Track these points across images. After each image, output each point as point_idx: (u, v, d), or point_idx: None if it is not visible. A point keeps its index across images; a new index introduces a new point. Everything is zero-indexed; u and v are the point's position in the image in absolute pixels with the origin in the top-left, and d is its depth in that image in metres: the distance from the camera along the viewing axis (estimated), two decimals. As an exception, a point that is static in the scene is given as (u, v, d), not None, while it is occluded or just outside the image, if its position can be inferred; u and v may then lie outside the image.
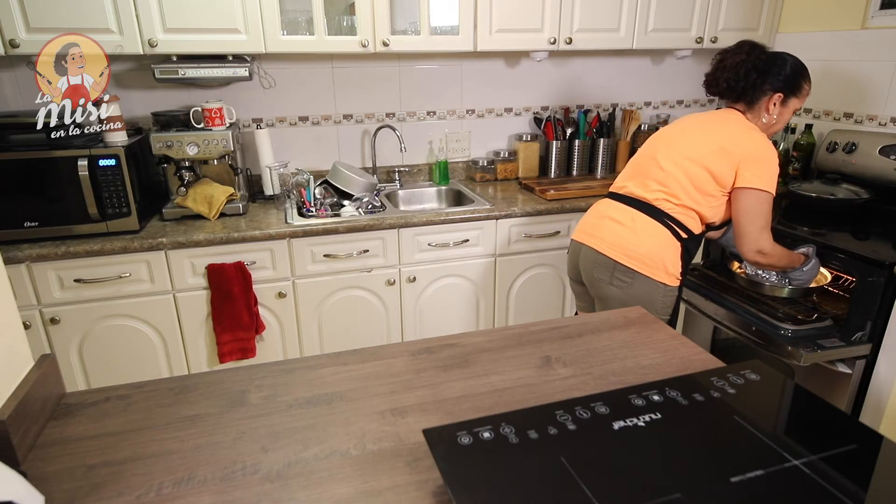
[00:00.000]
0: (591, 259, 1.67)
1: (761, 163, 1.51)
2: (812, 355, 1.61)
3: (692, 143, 1.61)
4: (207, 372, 1.02)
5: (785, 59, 1.58)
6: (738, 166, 1.52)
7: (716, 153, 1.55)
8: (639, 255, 1.58)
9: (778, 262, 1.61)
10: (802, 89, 1.59)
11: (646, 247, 1.58)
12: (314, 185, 2.22)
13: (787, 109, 1.60)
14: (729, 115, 1.62)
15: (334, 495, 0.72)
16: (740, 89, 1.59)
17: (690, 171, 1.57)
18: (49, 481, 0.75)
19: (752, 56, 1.57)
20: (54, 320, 1.85)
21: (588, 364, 1.03)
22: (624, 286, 1.61)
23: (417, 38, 2.19)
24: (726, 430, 0.75)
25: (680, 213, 1.59)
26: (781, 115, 1.60)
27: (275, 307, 2.06)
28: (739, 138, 1.54)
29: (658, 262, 1.58)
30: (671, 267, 1.60)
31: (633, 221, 1.61)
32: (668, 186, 1.60)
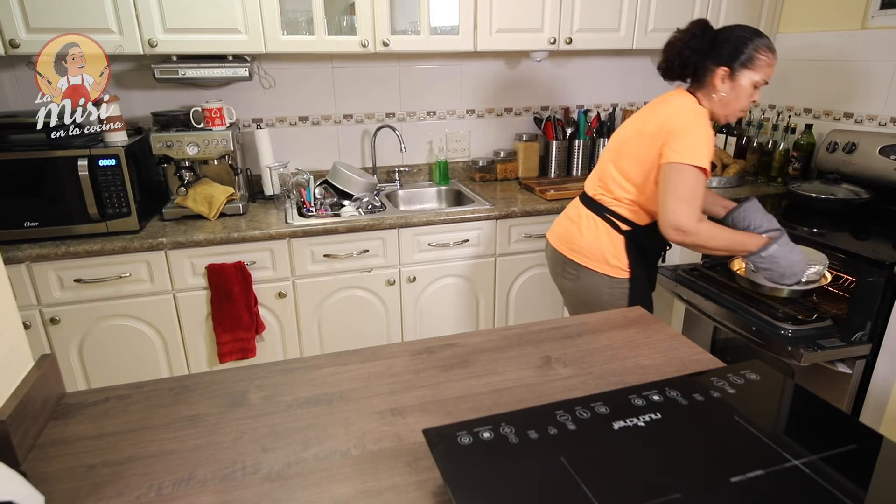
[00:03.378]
0: (549, 254, 1.82)
1: (683, 136, 1.44)
2: (812, 355, 1.61)
3: (624, 132, 1.62)
4: (207, 372, 1.02)
5: (731, 31, 1.49)
6: (662, 144, 1.48)
7: (639, 138, 1.53)
8: (580, 249, 1.66)
9: (708, 243, 1.46)
10: (755, 59, 1.45)
11: (586, 241, 1.65)
12: (314, 185, 2.22)
13: (741, 84, 1.47)
14: (671, 95, 1.57)
15: (334, 495, 0.72)
16: (681, 68, 1.54)
17: (618, 163, 1.60)
18: (49, 481, 0.75)
19: (695, 34, 1.50)
20: (54, 320, 1.85)
21: (588, 364, 1.03)
22: (573, 278, 1.70)
23: (417, 38, 2.19)
24: (726, 430, 0.75)
25: (618, 206, 1.61)
26: (736, 91, 1.48)
27: (275, 307, 2.06)
28: (668, 117, 1.49)
29: (598, 255, 1.63)
30: (613, 259, 1.62)
31: (578, 217, 1.69)
32: (603, 181, 1.65)
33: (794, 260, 1.49)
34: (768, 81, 1.49)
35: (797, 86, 2.54)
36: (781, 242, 1.49)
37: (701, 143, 1.43)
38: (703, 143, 1.43)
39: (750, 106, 1.53)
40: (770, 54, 1.46)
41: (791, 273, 1.50)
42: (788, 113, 2.59)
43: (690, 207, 1.43)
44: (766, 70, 1.46)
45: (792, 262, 1.48)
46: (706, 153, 1.43)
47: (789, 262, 1.48)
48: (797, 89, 2.54)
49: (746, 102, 1.51)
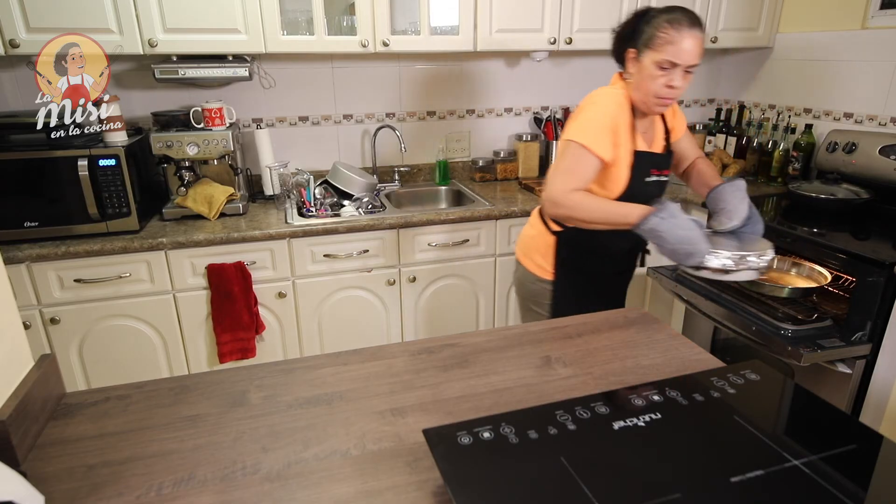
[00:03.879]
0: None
1: (577, 116, 1.43)
2: (812, 355, 1.61)
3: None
4: (207, 372, 1.02)
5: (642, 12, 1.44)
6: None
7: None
8: (518, 245, 1.73)
9: (579, 213, 1.37)
10: (654, 38, 1.34)
11: (524, 236, 1.70)
12: (314, 185, 2.22)
13: (644, 65, 1.38)
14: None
15: (334, 495, 0.72)
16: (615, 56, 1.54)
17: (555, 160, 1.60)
18: (49, 481, 0.75)
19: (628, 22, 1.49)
20: (54, 320, 1.85)
21: (588, 364, 1.03)
22: (514, 272, 1.76)
23: (417, 38, 2.19)
24: (726, 430, 0.75)
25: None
26: (640, 73, 1.39)
27: (275, 307, 2.06)
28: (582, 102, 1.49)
29: (527, 252, 1.66)
30: (539, 258, 1.62)
31: (534, 215, 1.71)
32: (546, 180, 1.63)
33: (681, 236, 1.23)
34: (677, 62, 1.32)
35: (797, 86, 2.54)
36: (665, 213, 1.25)
37: (590, 121, 1.39)
38: (591, 121, 1.39)
39: (665, 92, 1.36)
40: (671, 31, 1.32)
41: (685, 252, 1.24)
42: (788, 113, 2.59)
43: (564, 179, 1.38)
44: (668, 48, 1.32)
45: (680, 239, 1.23)
46: (592, 132, 1.38)
47: (676, 237, 1.23)
48: (797, 89, 2.54)
49: (653, 85, 1.36)
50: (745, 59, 2.79)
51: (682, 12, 1.35)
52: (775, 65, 2.63)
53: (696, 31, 1.33)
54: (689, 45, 1.32)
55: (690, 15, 1.35)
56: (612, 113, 1.40)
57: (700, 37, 1.33)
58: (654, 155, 1.51)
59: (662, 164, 1.55)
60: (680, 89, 1.37)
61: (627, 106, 1.44)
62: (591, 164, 1.40)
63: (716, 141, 2.78)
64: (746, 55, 2.76)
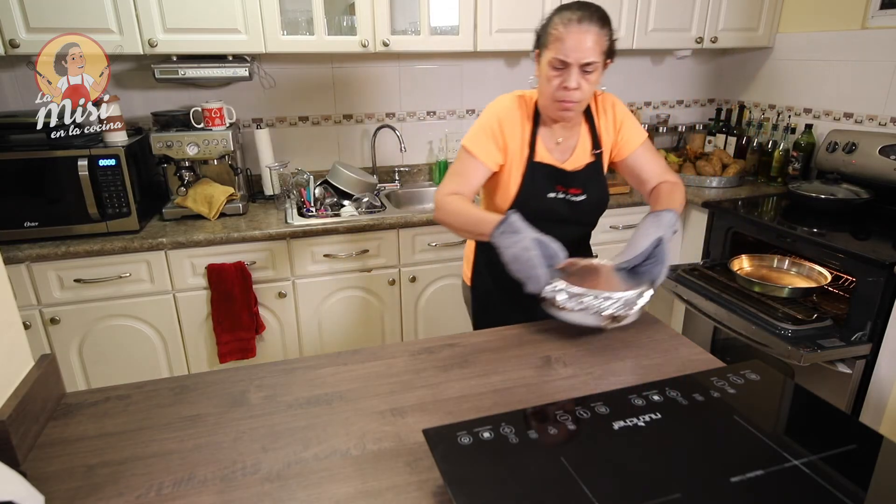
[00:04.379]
0: None
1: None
2: (812, 355, 1.61)
3: None
4: (207, 372, 1.02)
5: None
6: None
7: None
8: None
9: (446, 218, 1.29)
10: (547, 34, 1.23)
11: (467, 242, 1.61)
12: (314, 185, 2.22)
13: (541, 65, 1.28)
14: None
15: (334, 495, 0.72)
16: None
17: None
18: (49, 481, 0.75)
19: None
20: (54, 320, 1.85)
21: (588, 364, 1.03)
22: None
23: (417, 38, 2.19)
24: (726, 430, 0.75)
25: None
26: (540, 75, 1.30)
27: (275, 307, 2.06)
28: None
29: (465, 256, 1.59)
30: (465, 265, 1.56)
31: None
32: None
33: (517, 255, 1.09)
34: (567, 60, 1.18)
35: (797, 86, 2.54)
36: (504, 226, 1.13)
37: (477, 125, 1.34)
38: (477, 125, 1.33)
39: (561, 94, 1.23)
40: (560, 27, 1.19)
41: (522, 275, 1.09)
42: (788, 113, 2.59)
43: (447, 183, 1.33)
44: (556, 45, 1.20)
45: (516, 258, 1.09)
46: (475, 135, 1.32)
47: (512, 256, 1.10)
48: (797, 89, 2.54)
49: (549, 87, 1.24)
50: (745, 59, 2.79)
51: (580, 6, 1.21)
52: (775, 65, 2.63)
53: (587, 26, 1.18)
54: (576, 42, 1.17)
55: (587, 8, 1.20)
56: (498, 116, 1.32)
57: (594, 31, 1.18)
58: (556, 169, 1.34)
59: (573, 182, 1.35)
60: (579, 91, 1.21)
61: (523, 110, 1.34)
62: (475, 169, 1.32)
63: (716, 141, 2.78)
64: (746, 55, 2.76)
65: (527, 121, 1.34)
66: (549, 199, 1.35)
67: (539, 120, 1.35)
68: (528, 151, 1.33)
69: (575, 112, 1.28)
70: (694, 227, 2.40)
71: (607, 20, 1.22)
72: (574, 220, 1.39)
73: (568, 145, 1.37)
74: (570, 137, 1.37)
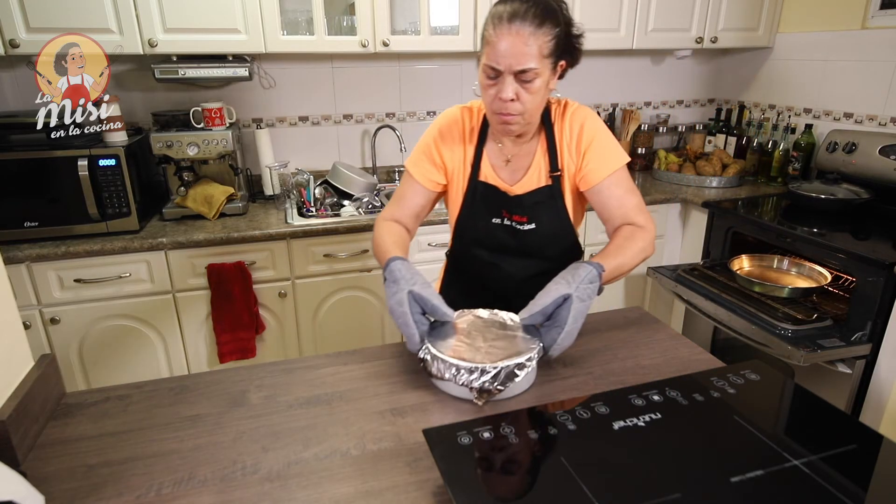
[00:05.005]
0: None
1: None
2: (812, 355, 1.61)
3: None
4: (207, 372, 1.02)
5: None
6: None
7: None
8: None
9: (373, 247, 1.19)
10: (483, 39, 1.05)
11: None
12: (314, 185, 2.22)
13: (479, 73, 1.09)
14: None
15: (334, 495, 0.72)
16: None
17: None
18: (49, 481, 0.75)
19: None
20: (54, 320, 1.85)
21: (588, 364, 1.03)
22: None
23: (417, 38, 2.19)
24: (726, 430, 0.75)
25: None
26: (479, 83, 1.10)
27: (275, 307, 2.06)
28: None
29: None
30: (439, 278, 1.42)
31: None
32: None
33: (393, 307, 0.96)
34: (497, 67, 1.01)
35: (797, 86, 2.54)
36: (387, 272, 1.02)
37: (419, 142, 1.24)
38: (420, 143, 1.24)
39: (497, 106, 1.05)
40: (490, 28, 1.01)
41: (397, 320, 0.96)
42: (788, 113, 2.59)
43: (388, 205, 1.26)
44: (488, 49, 1.02)
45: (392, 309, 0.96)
46: (414, 154, 1.23)
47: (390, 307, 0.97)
48: (797, 89, 2.54)
49: (485, 98, 1.08)
50: (745, 59, 2.79)
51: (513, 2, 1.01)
52: (775, 65, 2.63)
53: (519, 26, 0.98)
54: (507, 45, 0.99)
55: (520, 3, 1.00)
56: (436, 133, 1.21)
57: (528, 32, 0.98)
58: (498, 191, 1.17)
59: (517, 208, 1.17)
60: (517, 103, 1.03)
61: (467, 123, 1.21)
62: (413, 191, 1.22)
63: (716, 141, 2.78)
64: (746, 55, 2.76)
65: (471, 135, 1.20)
66: (492, 224, 1.19)
67: (486, 134, 1.19)
68: (470, 170, 1.19)
69: (519, 126, 1.09)
70: (694, 227, 2.40)
71: (550, 15, 1.01)
72: (524, 251, 1.20)
73: (520, 165, 1.18)
74: (522, 155, 1.18)
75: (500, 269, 1.23)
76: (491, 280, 1.25)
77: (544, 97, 1.08)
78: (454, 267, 1.35)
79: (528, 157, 1.18)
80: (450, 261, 1.37)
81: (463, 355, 0.89)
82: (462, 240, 1.27)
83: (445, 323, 1.01)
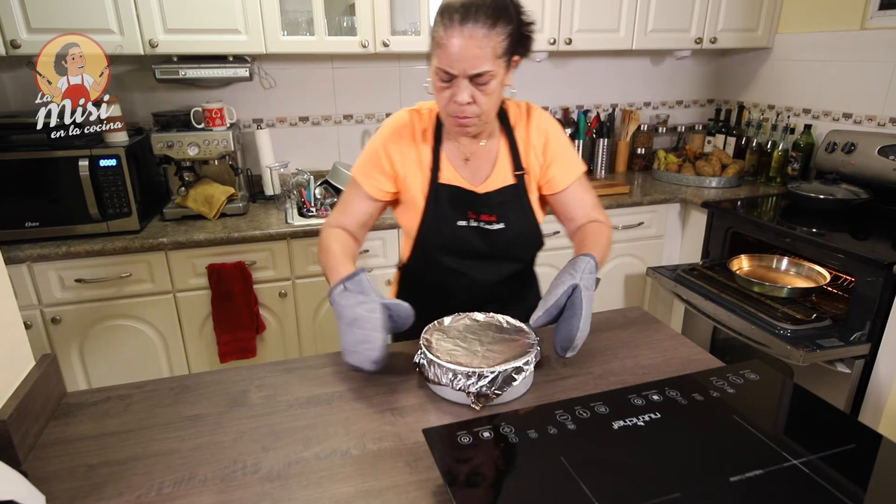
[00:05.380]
0: None
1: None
2: (811, 355, 1.62)
3: None
4: (208, 372, 1.02)
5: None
6: None
7: None
8: None
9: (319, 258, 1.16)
10: (433, 40, 1.00)
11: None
12: (314, 185, 2.22)
13: (431, 70, 1.04)
14: None
15: (334, 495, 0.72)
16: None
17: None
18: (50, 481, 0.75)
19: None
20: (55, 320, 1.85)
21: (588, 364, 1.03)
22: None
23: (417, 38, 2.19)
24: (726, 430, 0.75)
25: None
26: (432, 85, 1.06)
27: (275, 307, 2.06)
28: None
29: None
30: (392, 288, 1.37)
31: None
32: None
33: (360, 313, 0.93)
34: (450, 71, 0.97)
35: (796, 86, 2.54)
36: (351, 283, 0.99)
37: (366, 148, 1.19)
38: (367, 148, 1.19)
39: (453, 109, 1.03)
40: (440, 29, 0.97)
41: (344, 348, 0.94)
42: (787, 113, 2.59)
43: (333, 213, 1.22)
44: (439, 52, 0.98)
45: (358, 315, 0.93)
46: (361, 161, 1.18)
47: (356, 311, 0.93)
48: (796, 89, 2.54)
49: (440, 101, 1.05)
50: (744, 60, 2.79)
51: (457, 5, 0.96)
52: (775, 65, 2.64)
53: (472, 28, 0.94)
54: (460, 49, 0.95)
55: (470, 3, 0.95)
56: (384, 139, 1.16)
57: (481, 33, 0.95)
58: (463, 191, 1.14)
59: (484, 207, 1.14)
60: (474, 105, 1.01)
61: (417, 126, 1.17)
62: (358, 199, 1.17)
63: (715, 141, 2.79)
64: (746, 55, 2.77)
65: (424, 138, 1.16)
66: (459, 227, 1.14)
67: (442, 134, 1.15)
68: (430, 172, 1.14)
69: (475, 128, 1.07)
70: (693, 227, 2.40)
71: (502, 13, 0.97)
72: (495, 254, 1.17)
73: (482, 164, 1.16)
74: (483, 155, 1.16)
75: (467, 277, 1.18)
76: (458, 289, 1.20)
77: (500, 96, 1.06)
78: (411, 282, 1.26)
79: (490, 157, 1.17)
80: (404, 275, 1.30)
81: (460, 360, 0.89)
82: (424, 248, 1.18)
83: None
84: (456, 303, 1.15)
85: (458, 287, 1.20)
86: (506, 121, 1.16)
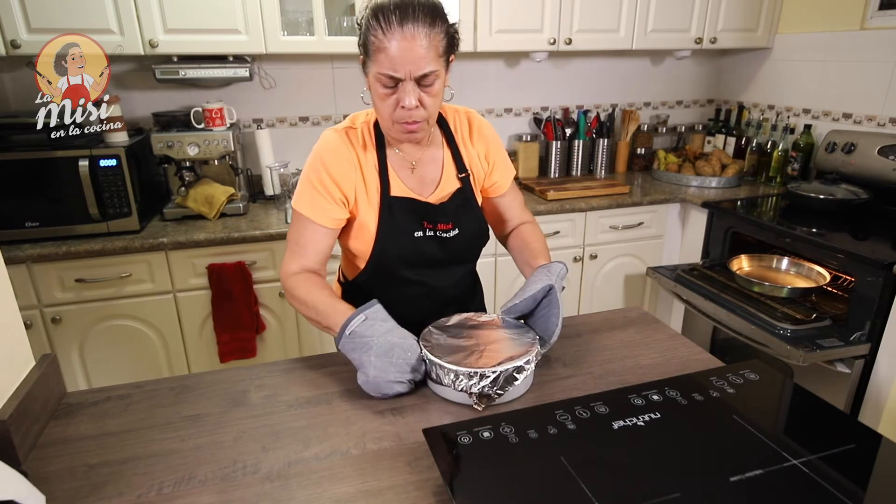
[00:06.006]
0: None
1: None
2: (811, 355, 1.62)
3: None
4: (208, 372, 1.02)
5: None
6: None
7: None
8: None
9: (295, 304, 1.06)
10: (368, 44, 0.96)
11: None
12: (314, 185, 2.22)
13: (370, 80, 1.02)
14: None
15: (335, 495, 0.72)
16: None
17: None
18: (50, 481, 0.75)
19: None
20: (55, 320, 1.85)
21: (588, 364, 1.03)
22: None
23: (417, 38, 2.19)
24: (726, 430, 0.75)
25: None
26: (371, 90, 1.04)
27: (275, 307, 2.06)
28: None
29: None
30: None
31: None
32: None
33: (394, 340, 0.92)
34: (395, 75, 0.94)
35: (796, 86, 2.54)
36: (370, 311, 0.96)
37: (303, 179, 1.09)
38: (304, 179, 1.09)
39: (400, 115, 1.00)
40: (379, 32, 0.92)
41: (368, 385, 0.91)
42: (787, 113, 2.59)
43: (288, 258, 1.10)
44: (380, 56, 0.94)
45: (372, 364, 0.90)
46: (302, 193, 1.08)
47: (389, 339, 0.92)
48: (796, 89, 2.54)
49: (384, 108, 1.01)
50: (744, 60, 2.79)
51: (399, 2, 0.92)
52: (774, 65, 2.64)
53: (413, 28, 0.92)
54: (404, 51, 0.92)
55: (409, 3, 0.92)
56: (323, 164, 1.07)
57: (423, 33, 0.92)
58: (417, 202, 1.10)
59: (441, 216, 1.12)
60: (422, 109, 0.99)
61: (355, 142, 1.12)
62: (314, 234, 1.08)
63: (715, 141, 2.79)
64: (746, 55, 2.77)
65: (364, 153, 1.11)
66: (416, 238, 1.11)
67: (384, 145, 1.11)
68: (379, 187, 1.09)
69: (423, 133, 1.04)
70: (693, 227, 2.40)
71: (438, 11, 0.95)
72: (449, 260, 1.16)
73: (428, 170, 1.14)
74: (428, 163, 1.14)
75: (424, 286, 1.16)
76: (414, 298, 1.17)
77: (442, 97, 1.04)
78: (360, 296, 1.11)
79: (436, 163, 1.15)
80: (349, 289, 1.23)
81: (460, 360, 0.89)
82: (380, 263, 1.12)
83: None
84: (413, 313, 1.08)
85: (414, 296, 1.17)
86: (445, 126, 1.16)
